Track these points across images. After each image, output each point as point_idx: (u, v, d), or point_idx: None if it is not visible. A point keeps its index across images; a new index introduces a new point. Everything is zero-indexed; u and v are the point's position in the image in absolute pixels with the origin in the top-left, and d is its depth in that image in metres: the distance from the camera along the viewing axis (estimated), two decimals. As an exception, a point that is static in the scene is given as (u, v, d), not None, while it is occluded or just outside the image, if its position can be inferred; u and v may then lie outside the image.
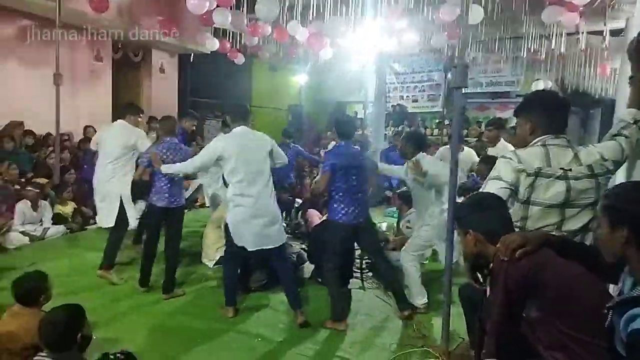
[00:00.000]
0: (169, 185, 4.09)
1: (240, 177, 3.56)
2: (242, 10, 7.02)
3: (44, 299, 2.75)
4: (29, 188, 5.74)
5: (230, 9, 6.68)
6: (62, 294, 3.64)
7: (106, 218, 4.56)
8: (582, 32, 7.56)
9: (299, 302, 3.75)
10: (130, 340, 3.29)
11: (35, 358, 2.28)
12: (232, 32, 8.62)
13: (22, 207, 5.62)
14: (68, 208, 6.24)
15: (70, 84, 7.64)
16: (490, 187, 2.20)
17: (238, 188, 3.58)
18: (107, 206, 4.53)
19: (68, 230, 5.99)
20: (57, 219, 6.02)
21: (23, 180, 6.14)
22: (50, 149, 6.96)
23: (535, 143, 2.24)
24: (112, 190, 4.49)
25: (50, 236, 5.73)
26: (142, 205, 5.19)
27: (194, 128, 6.38)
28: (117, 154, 4.48)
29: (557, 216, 2.14)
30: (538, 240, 1.79)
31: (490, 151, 4.96)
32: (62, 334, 2.25)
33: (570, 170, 2.13)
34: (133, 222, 4.63)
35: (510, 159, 2.21)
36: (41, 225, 5.76)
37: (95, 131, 6.43)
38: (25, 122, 7.08)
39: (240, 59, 9.34)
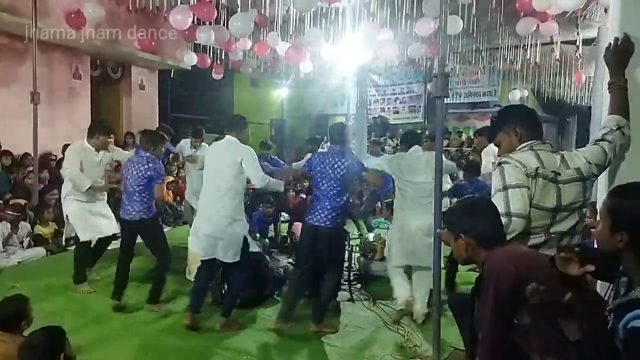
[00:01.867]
0: (127, 196, 4.12)
1: (203, 186, 3.79)
2: (223, 25, 7.02)
3: (25, 324, 2.65)
4: (9, 211, 5.59)
5: (210, 24, 6.68)
6: (44, 316, 3.54)
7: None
8: (556, 42, 7.77)
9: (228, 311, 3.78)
10: (115, 362, 3.21)
11: (18, 385, 2.20)
12: (212, 47, 8.62)
13: (1, 228, 5.46)
14: (48, 229, 6.09)
15: (48, 103, 7.51)
16: (516, 195, 2.09)
17: (200, 196, 3.83)
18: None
19: (48, 252, 5.84)
20: (37, 240, 5.87)
21: (1, 201, 5.98)
22: (29, 169, 6.81)
23: (522, 148, 2.25)
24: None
25: (30, 258, 5.57)
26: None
27: (169, 142, 6.33)
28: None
29: (547, 219, 2.16)
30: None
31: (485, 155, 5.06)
32: (43, 357, 2.18)
33: (560, 174, 2.15)
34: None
35: (514, 164, 2.16)
36: (21, 247, 5.61)
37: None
38: (2, 142, 6.93)
39: (219, 74, 9.35)
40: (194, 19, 6.25)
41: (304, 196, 7.04)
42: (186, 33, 6.79)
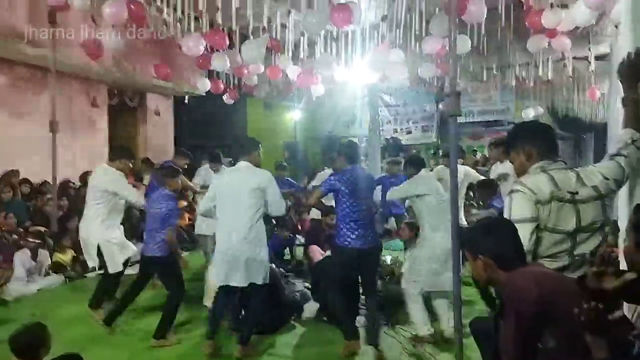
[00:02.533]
0: (146, 233, 4.14)
1: (219, 213, 3.69)
2: (235, 50, 7.15)
3: (44, 351, 2.67)
4: (30, 239, 5.66)
5: (223, 50, 6.80)
6: (63, 344, 3.54)
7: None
8: (568, 58, 7.73)
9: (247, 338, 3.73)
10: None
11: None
12: (225, 72, 8.76)
13: (21, 257, 5.53)
14: (67, 256, 6.15)
15: (66, 131, 7.67)
16: (521, 231, 2.05)
17: (218, 224, 3.71)
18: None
19: (67, 279, 5.89)
20: (56, 267, 5.93)
21: (21, 229, 6.08)
22: (48, 196, 6.92)
23: (535, 171, 2.23)
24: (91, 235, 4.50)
25: (49, 285, 5.62)
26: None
27: (187, 166, 6.40)
28: (96, 198, 4.48)
29: (569, 242, 2.11)
30: None
31: (501, 168, 5.03)
32: (63, 385, 2.18)
33: (577, 193, 2.11)
34: (114, 267, 4.51)
35: (523, 191, 2.14)
36: (40, 274, 5.67)
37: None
38: (21, 170, 7.07)
39: (232, 99, 9.49)
40: (206, 46, 6.38)
41: (316, 217, 7.00)
42: (200, 61, 6.93)
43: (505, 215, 2.20)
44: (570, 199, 2.10)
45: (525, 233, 2.07)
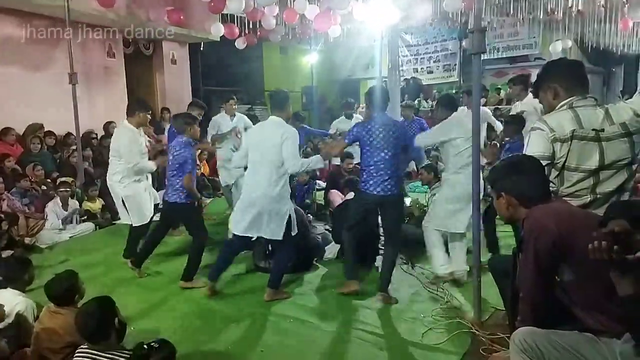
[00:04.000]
0: (167, 179, 4.25)
1: (248, 166, 3.78)
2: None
3: (78, 297, 2.82)
4: (61, 189, 5.84)
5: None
6: (97, 288, 3.74)
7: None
8: (601, -13, 7.28)
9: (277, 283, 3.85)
10: (165, 329, 3.37)
11: (78, 351, 2.36)
12: (240, 17, 8.55)
13: (53, 206, 5.74)
14: (96, 205, 6.35)
15: (85, 82, 7.71)
16: None
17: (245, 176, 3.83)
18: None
19: (97, 226, 6.12)
20: (86, 216, 6.15)
21: (49, 180, 6.27)
22: (73, 147, 7.06)
23: (561, 107, 2.18)
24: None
25: (80, 233, 5.86)
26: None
27: (201, 118, 6.37)
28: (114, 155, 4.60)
29: (591, 180, 2.10)
30: None
31: (520, 106, 4.90)
32: (98, 323, 2.32)
33: (603, 130, 2.06)
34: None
35: (542, 129, 2.14)
36: (71, 222, 5.90)
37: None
38: (45, 123, 7.18)
39: (246, 44, 9.30)
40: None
41: (337, 163, 7.02)
42: (212, 4, 6.75)
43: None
44: (594, 137, 2.05)
45: None
